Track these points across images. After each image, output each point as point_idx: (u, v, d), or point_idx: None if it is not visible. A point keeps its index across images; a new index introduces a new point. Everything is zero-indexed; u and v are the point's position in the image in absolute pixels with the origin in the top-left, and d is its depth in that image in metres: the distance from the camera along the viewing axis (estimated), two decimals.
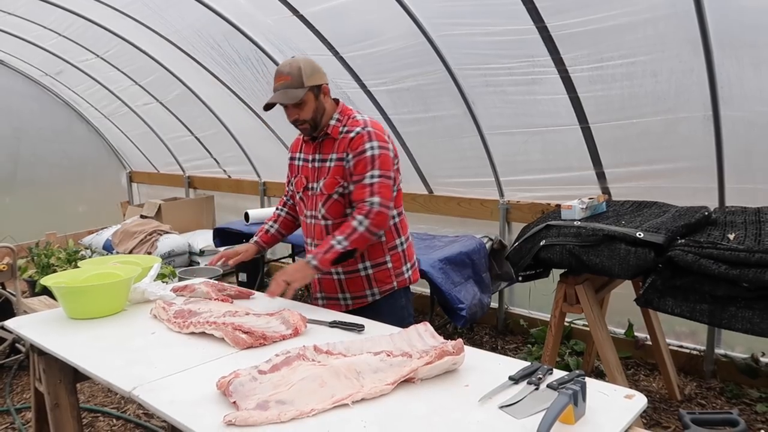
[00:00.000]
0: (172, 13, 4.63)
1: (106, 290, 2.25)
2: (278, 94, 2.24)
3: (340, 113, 2.35)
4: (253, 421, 1.39)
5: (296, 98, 2.22)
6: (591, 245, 2.48)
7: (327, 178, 2.32)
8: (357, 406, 1.46)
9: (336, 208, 2.33)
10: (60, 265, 4.64)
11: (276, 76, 2.26)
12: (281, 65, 2.29)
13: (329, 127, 2.34)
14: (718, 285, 2.18)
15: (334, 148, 2.33)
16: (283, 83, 2.24)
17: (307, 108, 2.27)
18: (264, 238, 2.65)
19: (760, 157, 3.14)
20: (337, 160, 2.31)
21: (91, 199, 7.43)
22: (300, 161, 2.49)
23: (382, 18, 3.79)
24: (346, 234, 2.21)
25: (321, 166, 2.36)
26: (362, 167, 2.25)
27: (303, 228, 2.52)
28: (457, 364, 1.63)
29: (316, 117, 2.30)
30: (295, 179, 2.51)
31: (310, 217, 2.43)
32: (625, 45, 3.14)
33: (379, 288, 2.41)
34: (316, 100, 2.28)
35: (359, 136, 2.27)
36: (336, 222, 2.33)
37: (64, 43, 5.74)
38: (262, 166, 6.01)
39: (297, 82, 2.23)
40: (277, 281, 2.20)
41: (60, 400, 2.09)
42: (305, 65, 2.26)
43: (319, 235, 2.39)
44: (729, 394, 3.35)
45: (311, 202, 2.41)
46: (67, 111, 7.28)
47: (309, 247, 2.46)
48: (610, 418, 1.36)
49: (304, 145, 2.49)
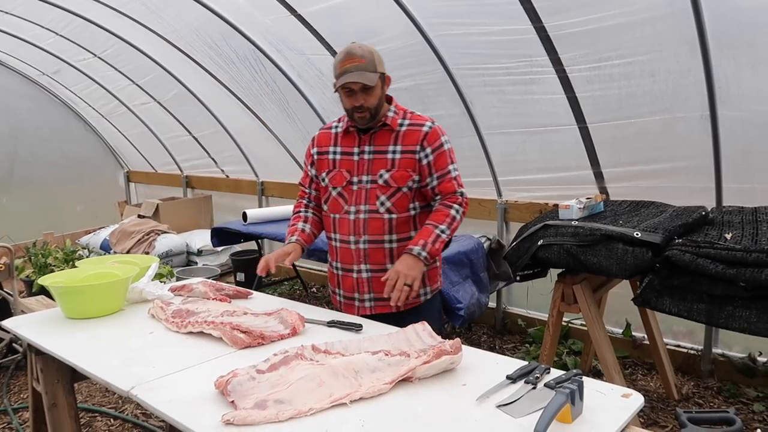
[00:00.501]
0: (170, 13, 4.62)
1: (104, 290, 2.25)
2: (355, 74, 2.12)
3: (395, 107, 2.31)
4: (251, 420, 1.39)
5: (373, 81, 2.14)
6: (589, 245, 2.48)
7: (395, 170, 2.22)
8: (355, 405, 1.46)
9: (404, 201, 2.25)
10: (57, 265, 4.63)
11: (346, 58, 2.15)
12: (352, 48, 2.18)
13: (388, 118, 2.26)
14: (716, 284, 2.19)
15: (393, 140, 2.25)
16: (357, 65, 2.13)
17: (374, 95, 2.18)
18: (304, 237, 2.43)
19: (757, 156, 3.14)
20: (404, 152, 2.23)
21: (89, 199, 7.42)
22: (337, 155, 2.34)
23: (380, 17, 3.79)
24: (447, 223, 2.19)
25: (375, 158, 2.25)
26: (443, 161, 2.25)
27: (334, 226, 2.35)
28: (455, 363, 1.63)
29: (379, 106, 2.22)
30: (329, 174, 2.35)
31: (354, 212, 2.27)
32: (623, 45, 3.14)
33: (431, 287, 2.36)
34: (382, 88, 2.22)
35: (434, 131, 2.25)
36: (402, 216, 2.26)
37: (61, 43, 5.73)
38: (260, 165, 6.01)
39: (371, 66, 2.15)
40: (398, 287, 2.08)
41: (58, 399, 2.08)
42: (375, 52, 2.21)
43: (375, 229, 2.26)
44: (726, 394, 3.36)
45: (357, 196, 2.27)
46: (65, 110, 7.27)
47: (345, 245, 2.31)
48: (608, 417, 1.37)
49: (341, 137, 2.35)
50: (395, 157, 2.24)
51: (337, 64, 2.17)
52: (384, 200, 2.24)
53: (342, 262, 2.35)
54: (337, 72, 2.17)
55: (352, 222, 2.28)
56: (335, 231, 2.35)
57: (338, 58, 2.18)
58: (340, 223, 2.33)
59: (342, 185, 2.30)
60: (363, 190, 2.26)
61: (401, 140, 2.24)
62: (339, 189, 2.31)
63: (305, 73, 4.61)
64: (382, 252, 2.28)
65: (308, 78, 4.64)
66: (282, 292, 5.51)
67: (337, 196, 2.32)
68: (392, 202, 2.24)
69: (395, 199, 2.24)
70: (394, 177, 2.23)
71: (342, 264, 2.35)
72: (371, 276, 2.29)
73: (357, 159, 2.28)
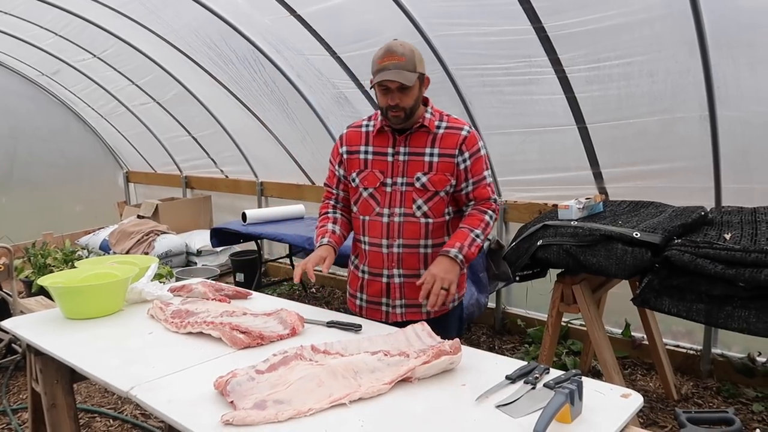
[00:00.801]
0: (169, 13, 4.62)
1: (103, 290, 2.25)
2: (392, 73, 2.04)
3: (432, 108, 2.25)
4: (250, 420, 1.39)
5: (411, 81, 2.06)
6: (588, 245, 2.48)
7: (433, 173, 2.16)
8: (354, 405, 1.46)
9: (440, 206, 2.19)
10: (57, 266, 4.63)
11: (386, 54, 2.07)
12: (392, 45, 2.10)
13: (425, 119, 2.19)
14: (715, 285, 2.19)
15: (430, 142, 2.18)
16: (396, 63, 2.05)
17: (411, 94, 2.10)
18: (335, 239, 2.32)
19: (756, 157, 3.15)
20: (442, 155, 2.17)
21: (88, 199, 7.42)
22: (369, 154, 2.25)
23: (379, 18, 3.79)
24: (481, 228, 2.16)
25: (411, 160, 2.18)
26: (480, 167, 2.21)
27: (363, 228, 2.27)
28: (454, 363, 1.63)
29: (415, 106, 2.14)
30: (359, 174, 2.26)
31: (388, 215, 2.20)
32: (622, 45, 3.14)
33: (458, 293, 2.30)
34: (420, 89, 2.15)
35: (472, 135, 2.20)
36: (437, 221, 2.20)
37: (60, 43, 5.73)
38: (260, 166, 6.01)
39: (410, 64, 2.07)
40: (434, 291, 2.03)
41: (57, 400, 2.08)
42: (416, 50, 2.13)
43: (411, 233, 2.19)
44: (725, 394, 3.36)
45: (391, 198, 2.19)
46: (64, 111, 7.27)
47: (375, 248, 2.23)
48: (607, 417, 1.37)
49: (373, 136, 2.26)
50: (433, 160, 2.17)
51: (375, 59, 2.10)
52: (421, 204, 2.18)
53: (370, 266, 2.27)
54: (374, 68, 2.09)
55: (386, 225, 2.20)
56: (365, 233, 2.27)
57: (378, 54, 2.10)
58: (371, 226, 2.24)
59: (374, 186, 2.22)
60: (398, 193, 2.19)
61: (439, 143, 2.18)
62: (371, 190, 2.23)
63: (304, 74, 4.61)
64: (416, 257, 2.21)
65: (307, 78, 4.64)
66: (281, 293, 5.50)
67: (369, 198, 2.24)
68: (429, 206, 2.19)
69: (432, 204, 2.19)
70: (432, 180, 2.17)
71: (370, 268, 2.27)
72: (404, 281, 2.23)
73: (391, 160, 2.21)
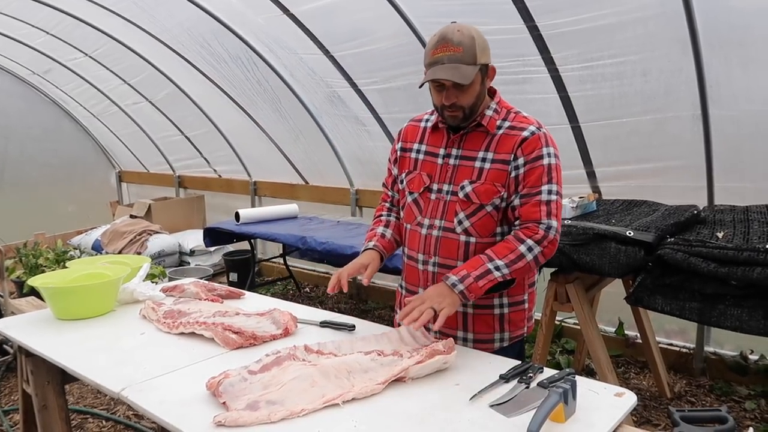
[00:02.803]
0: (162, 12, 4.60)
1: (95, 291, 2.23)
2: (446, 68, 1.70)
3: (498, 103, 1.88)
4: (243, 421, 1.38)
5: (469, 77, 1.70)
6: (581, 244, 2.48)
7: (480, 182, 1.81)
8: (348, 405, 1.45)
9: (488, 223, 1.83)
10: (48, 266, 4.60)
11: (439, 44, 1.72)
12: (447, 32, 1.73)
13: (484, 117, 1.84)
14: (707, 283, 2.20)
15: (486, 145, 1.83)
16: (451, 55, 1.70)
17: (471, 91, 1.76)
18: (383, 244, 2.03)
19: (748, 155, 3.16)
20: (495, 161, 1.81)
21: (80, 199, 7.37)
22: (420, 154, 1.95)
23: (373, 17, 3.79)
24: (509, 259, 1.73)
25: (461, 165, 1.85)
26: (536, 178, 1.78)
27: (405, 237, 2.00)
28: (448, 363, 1.63)
29: (476, 104, 1.80)
30: (407, 176, 1.97)
31: (427, 226, 1.89)
32: (615, 44, 3.15)
33: (511, 333, 1.93)
34: (482, 83, 1.79)
35: (536, 137, 1.80)
36: (483, 241, 1.83)
37: (52, 42, 5.69)
38: (253, 165, 5.99)
39: (469, 56, 1.71)
40: (420, 308, 1.69)
41: (48, 401, 2.06)
42: (478, 36, 1.75)
43: (448, 252, 1.86)
44: (718, 392, 3.37)
45: (434, 207, 1.89)
46: (56, 110, 7.22)
47: (413, 263, 1.95)
48: (601, 416, 1.37)
49: (429, 133, 1.95)
50: (484, 167, 1.81)
51: (428, 50, 1.75)
52: (462, 218, 1.83)
53: (407, 282, 2.01)
54: (427, 60, 1.75)
55: (423, 237, 1.90)
56: (405, 244, 2.00)
57: (431, 42, 1.75)
58: (410, 236, 1.96)
59: (419, 191, 1.92)
60: (441, 202, 1.87)
61: (495, 146, 1.82)
62: (415, 195, 1.93)
63: (298, 73, 4.60)
64: None
65: (301, 77, 4.63)
66: (275, 293, 5.49)
67: (412, 203, 1.95)
68: (472, 222, 1.83)
69: (476, 219, 1.82)
70: (477, 191, 1.81)
71: (407, 284, 2.01)
72: None
73: (441, 162, 1.89)
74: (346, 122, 4.73)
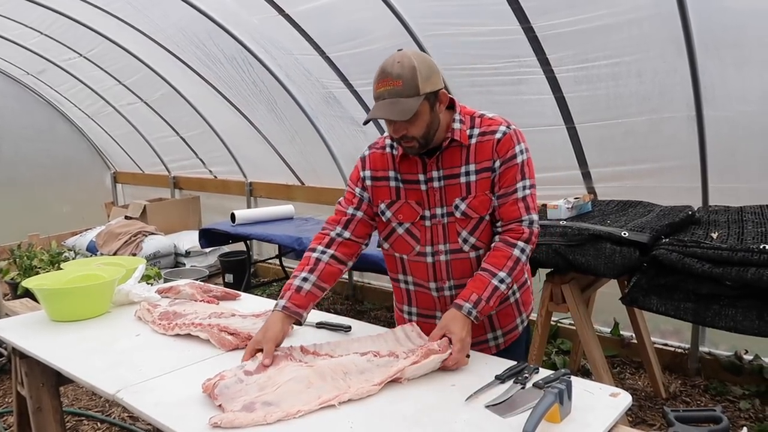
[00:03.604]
0: (156, 12, 4.59)
1: (90, 292, 2.22)
2: (383, 105, 1.67)
3: (460, 114, 1.82)
4: (238, 423, 1.38)
5: (409, 112, 1.65)
6: (577, 244, 2.49)
7: (472, 197, 1.78)
8: (344, 406, 1.45)
9: (488, 232, 1.82)
10: (43, 267, 4.58)
11: (379, 79, 1.68)
12: (387, 64, 1.68)
13: (455, 132, 1.78)
14: (702, 283, 2.20)
15: (465, 159, 1.79)
16: (391, 89, 1.65)
17: (420, 122, 1.69)
18: (298, 302, 1.81)
19: (742, 156, 3.17)
20: (480, 171, 1.78)
21: (75, 200, 7.35)
22: (399, 182, 1.86)
23: (368, 17, 3.79)
24: (509, 267, 1.73)
25: (447, 185, 1.80)
26: (512, 177, 1.77)
27: (403, 267, 1.92)
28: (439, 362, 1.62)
29: (429, 133, 1.73)
30: (391, 207, 1.87)
31: (432, 254, 1.84)
32: (610, 45, 3.16)
33: (526, 312, 1.99)
34: (432, 111, 1.71)
35: (508, 137, 1.77)
36: (486, 250, 1.82)
37: (46, 42, 5.67)
38: (249, 166, 5.98)
39: (410, 88, 1.65)
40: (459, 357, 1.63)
41: (43, 403, 2.06)
42: (420, 64, 1.67)
43: (463, 273, 1.83)
44: (713, 392, 3.38)
45: (433, 234, 1.83)
46: (50, 110, 7.19)
47: (423, 290, 1.90)
48: (596, 416, 1.37)
49: (399, 161, 1.86)
50: (470, 180, 1.79)
51: (373, 83, 1.71)
52: (466, 236, 1.81)
53: (420, 308, 1.95)
54: (373, 94, 1.72)
55: (431, 266, 1.86)
56: (406, 273, 1.93)
57: (374, 76, 1.71)
58: (413, 267, 1.90)
59: (413, 221, 1.85)
60: (439, 226, 1.83)
61: (474, 156, 1.78)
62: (407, 225, 1.86)
63: (293, 73, 4.59)
64: None
65: (296, 78, 4.62)
66: (271, 293, 5.48)
67: (406, 234, 1.87)
68: (476, 236, 1.81)
69: (479, 233, 1.81)
70: (472, 206, 1.79)
71: (419, 309, 1.95)
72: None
73: (425, 188, 1.82)
74: (342, 123, 4.73)
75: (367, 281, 5.31)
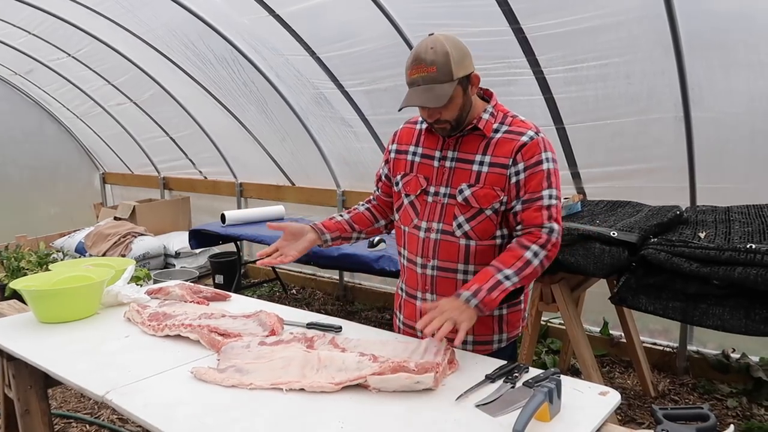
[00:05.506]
0: (146, 12, 4.57)
1: (78, 293, 2.20)
2: (419, 91, 1.71)
3: (494, 107, 1.87)
4: (207, 377, 1.57)
5: (444, 98, 1.69)
6: (566, 244, 2.50)
7: (479, 186, 1.81)
8: (335, 405, 1.45)
9: (487, 227, 1.83)
10: (30, 269, 4.55)
11: (413, 65, 1.71)
12: (421, 50, 1.70)
13: (480, 121, 1.83)
14: (690, 283, 2.22)
15: (483, 149, 1.82)
16: (425, 76, 1.69)
17: (453, 106, 1.74)
18: (326, 224, 2.06)
19: (729, 157, 3.21)
20: (493, 165, 1.80)
21: (63, 201, 7.29)
22: (416, 156, 1.94)
23: (359, 19, 3.79)
24: (517, 267, 1.73)
25: (457, 168, 1.84)
26: (537, 183, 1.79)
27: (403, 239, 1.98)
28: (421, 384, 1.50)
29: (461, 115, 1.79)
30: (403, 178, 1.96)
31: (425, 229, 1.89)
32: (599, 47, 3.18)
33: (508, 333, 1.99)
34: (464, 94, 1.76)
35: (535, 143, 1.79)
36: (482, 244, 1.84)
37: (34, 42, 5.62)
38: (239, 167, 5.96)
39: (444, 73, 1.68)
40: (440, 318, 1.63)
41: (30, 406, 2.04)
42: (453, 48, 1.70)
43: (447, 255, 1.86)
44: (701, 390, 3.41)
45: (431, 210, 1.88)
46: (38, 111, 7.13)
47: (412, 266, 1.95)
48: (585, 415, 1.38)
49: (425, 136, 1.95)
50: (482, 170, 1.81)
51: (406, 69, 1.75)
52: (462, 222, 1.83)
53: (407, 285, 2.01)
54: (406, 80, 1.76)
55: (421, 240, 1.90)
56: (404, 246, 1.98)
57: (407, 61, 1.74)
58: (409, 239, 1.95)
59: (416, 194, 1.91)
60: (438, 205, 1.87)
61: (492, 149, 1.81)
62: (412, 197, 1.92)
63: (284, 74, 4.59)
64: (452, 283, 1.87)
65: (287, 78, 4.62)
66: (261, 294, 5.47)
67: (409, 206, 1.94)
68: (472, 226, 1.83)
69: (476, 224, 1.83)
70: (476, 195, 1.81)
71: (407, 287, 2.01)
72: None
73: (437, 165, 1.88)
74: (333, 123, 4.73)
75: (358, 282, 5.31)
